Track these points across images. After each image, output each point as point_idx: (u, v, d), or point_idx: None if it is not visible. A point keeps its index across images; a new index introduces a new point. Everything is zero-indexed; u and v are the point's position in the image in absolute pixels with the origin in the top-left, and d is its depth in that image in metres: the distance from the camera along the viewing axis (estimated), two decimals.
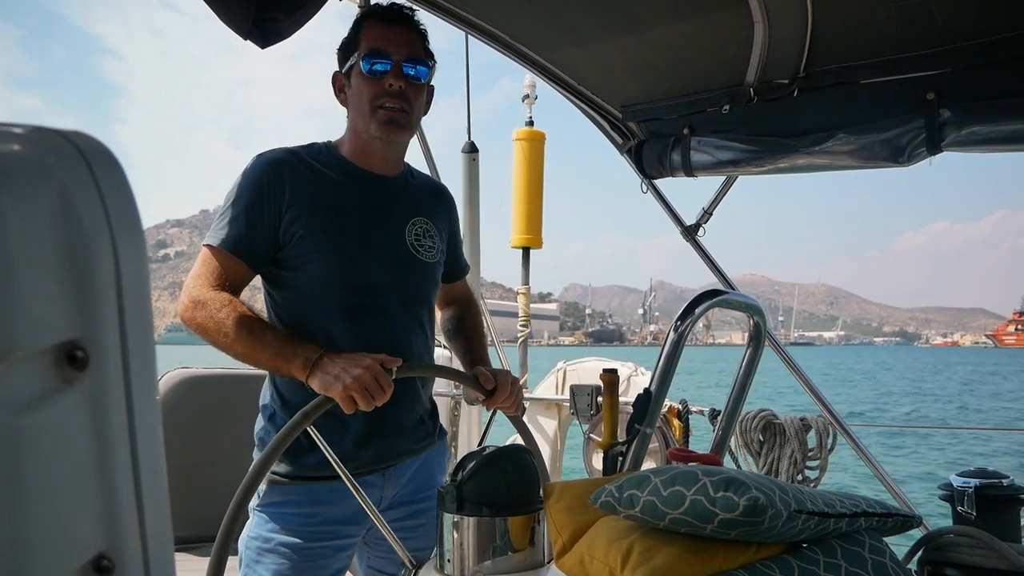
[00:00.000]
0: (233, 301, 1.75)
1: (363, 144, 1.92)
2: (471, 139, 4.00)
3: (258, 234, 1.80)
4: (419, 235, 1.98)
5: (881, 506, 1.27)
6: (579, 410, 3.82)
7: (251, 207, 1.79)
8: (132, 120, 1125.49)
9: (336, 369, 1.65)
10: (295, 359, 1.69)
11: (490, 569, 1.34)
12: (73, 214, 0.47)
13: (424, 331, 1.99)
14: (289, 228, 1.81)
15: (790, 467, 3.07)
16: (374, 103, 1.85)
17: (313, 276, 1.83)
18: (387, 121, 1.86)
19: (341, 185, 1.89)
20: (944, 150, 2.24)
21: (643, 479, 1.15)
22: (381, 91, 1.84)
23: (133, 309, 0.51)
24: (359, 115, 1.88)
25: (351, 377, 1.62)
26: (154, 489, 0.53)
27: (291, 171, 1.84)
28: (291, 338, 1.75)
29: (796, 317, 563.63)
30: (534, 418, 4.66)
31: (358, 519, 1.90)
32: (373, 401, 1.63)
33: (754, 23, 2.33)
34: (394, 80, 1.84)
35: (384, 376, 1.65)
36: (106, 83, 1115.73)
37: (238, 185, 1.82)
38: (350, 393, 1.61)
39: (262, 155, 1.86)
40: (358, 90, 1.87)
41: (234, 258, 1.79)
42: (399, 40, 1.87)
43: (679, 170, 2.86)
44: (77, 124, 6.13)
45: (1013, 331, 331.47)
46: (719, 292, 1.71)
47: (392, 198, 1.97)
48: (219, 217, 1.83)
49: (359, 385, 1.62)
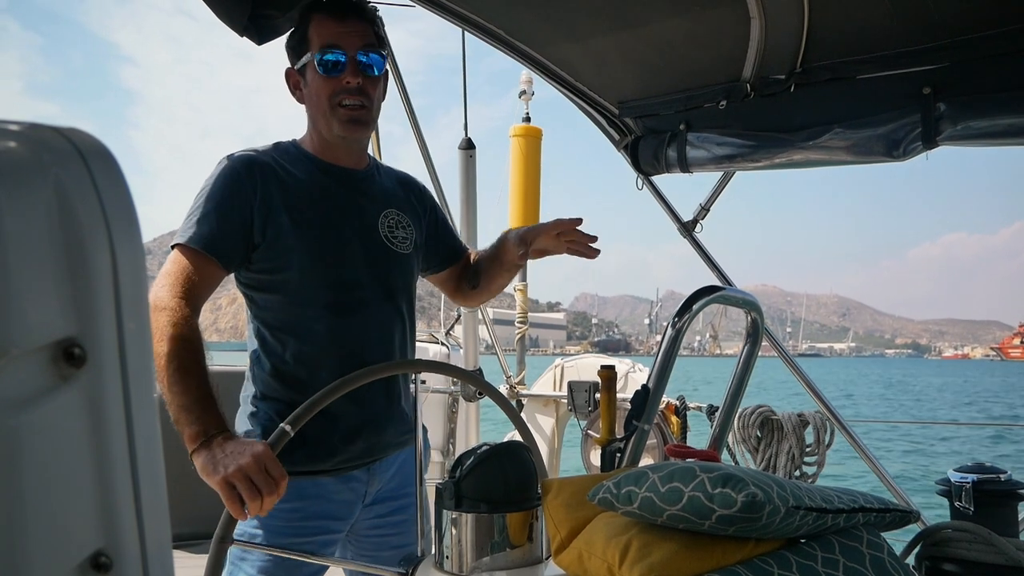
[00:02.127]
0: (188, 321, 1.65)
1: (324, 140, 1.90)
2: (468, 136, 4.00)
3: (230, 232, 1.76)
4: (392, 227, 1.97)
5: (879, 501, 1.27)
6: (577, 406, 3.82)
7: (222, 204, 1.76)
8: (147, 126, 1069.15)
9: (224, 452, 1.50)
10: (195, 424, 1.55)
11: (488, 565, 1.35)
12: (69, 211, 0.47)
13: (404, 323, 1.98)
14: (263, 228, 1.78)
15: (788, 463, 3.07)
16: (332, 101, 1.82)
17: (292, 276, 1.81)
18: (348, 120, 1.84)
19: (311, 182, 1.87)
20: (940, 144, 2.24)
21: (641, 475, 1.15)
22: (338, 88, 1.82)
23: (130, 306, 0.51)
24: (318, 114, 1.86)
25: (236, 465, 1.47)
26: (152, 486, 0.53)
27: (261, 171, 1.81)
28: (209, 400, 1.60)
29: (807, 328, 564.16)
30: (532, 415, 4.66)
31: (343, 514, 1.90)
32: (260, 496, 1.46)
33: (750, 19, 2.33)
34: (351, 77, 1.81)
35: (277, 467, 1.49)
36: (122, 90, 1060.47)
37: (209, 185, 1.79)
38: (231, 481, 1.46)
39: (231, 156, 1.83)
40: (315, 88, 1.84)
41: (205, 255, 1.73)
42: (351, 33, 1.83)
43: (675, 166, 2.86)
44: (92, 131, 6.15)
45: (1019, 344, 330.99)
46: (716, 288, 1.71)
47: (362, 192, 1.95)
48: (189, 216, 1.77)
49: (242, 474, 1.46)
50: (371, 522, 1.97)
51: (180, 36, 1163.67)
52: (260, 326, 1.86)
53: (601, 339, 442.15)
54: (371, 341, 1.88)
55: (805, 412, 3.14)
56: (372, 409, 1.85)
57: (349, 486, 1.90)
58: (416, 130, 3.94)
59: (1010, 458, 19.13)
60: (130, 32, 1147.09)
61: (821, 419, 3.12)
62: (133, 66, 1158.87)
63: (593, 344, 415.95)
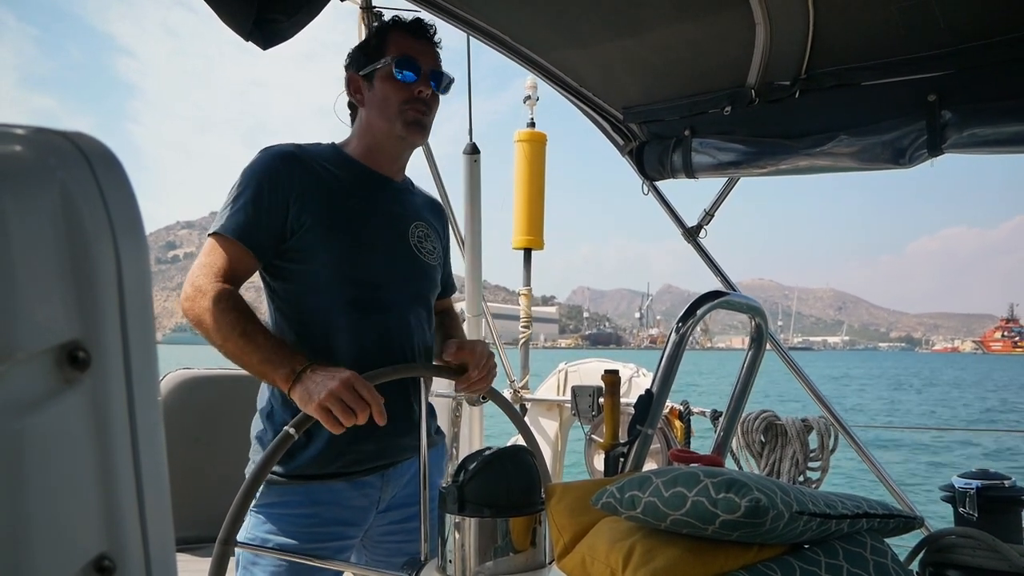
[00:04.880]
0: (234, 295, 1.75)
1: (376, 144, 1.97)
2: (472, 140, 4.00)
3: (265, 224, 1.80)
4: (421, 238, 2.03)
5: (883, 507, 1.26)
6: (580, 411, 3.81)
7: (258, 197, 1.80)
8: (145, 120, 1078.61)
9: (314, 381, 1.63)
10: (281, 368, 1.68)
11: (491, 570, 1.34)
12: (75, 215, 0.48)
13: (424, 331, 2.01)
14: (297, 219, 1.82)
15: (791, 468, 3.07)
16: (403, 106, 1.91)
17: (318, 269, 1.85)
18: (414, 121, 1.93)
19: (348, 182, 1.92)
20: (945, 152, 2.24)
21: (644, 480, 1.15)
22: (410, 96, 1.92)
23: (135, 310, 0.51)
24: (383, 116, 1.93)
25: (326, 390, 1.60)
26: (155, 490, 0.53)
27: (299, 164, 1.87)
28: (282, 345, 1.74)
29: (803, 322, 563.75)
30: (535, 419, 4.66)
31: (357, 520, 1.90)
32: (354, 415, 1.60)
33: (756, 25, 2.33)
34: (424, 87, 1.93)
35: (366, 387, 1.62)
36: (120, 82, 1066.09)
37: (245, 176, 1.84)
38: (326, 405, 1.59)
39: (269, 148, 1.89)
40: (384, 93, 1.92)
41: (241, 246, 1.79)
42: (426, 53, 1.96)
43: (680, 171, 2.86)
44: (90, 125, 6.06)
45: (1000, 337, 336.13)
46: (720, 293, 1.71)
47: (397, 200, 2.01)
48: (225, 207, 1.83)
49: (334, 398, 1.59)
50: (385, 528, 1.97)
51: (178, 28, 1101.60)
52: (279, 317, 1.89)
53: (592, 332, 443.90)
54: (392, 343, 1.90)
55: (809, 417, 3.14)
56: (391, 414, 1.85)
57: (363, 492, 1.90)
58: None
59: (1001, 455, 19.55)
60: (127, 24, 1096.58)
61: (825, 424, 3.12)
62: (131, 59, 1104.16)
63: (584, 337, 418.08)
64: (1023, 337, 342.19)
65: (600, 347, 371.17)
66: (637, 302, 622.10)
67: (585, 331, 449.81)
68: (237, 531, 1.47)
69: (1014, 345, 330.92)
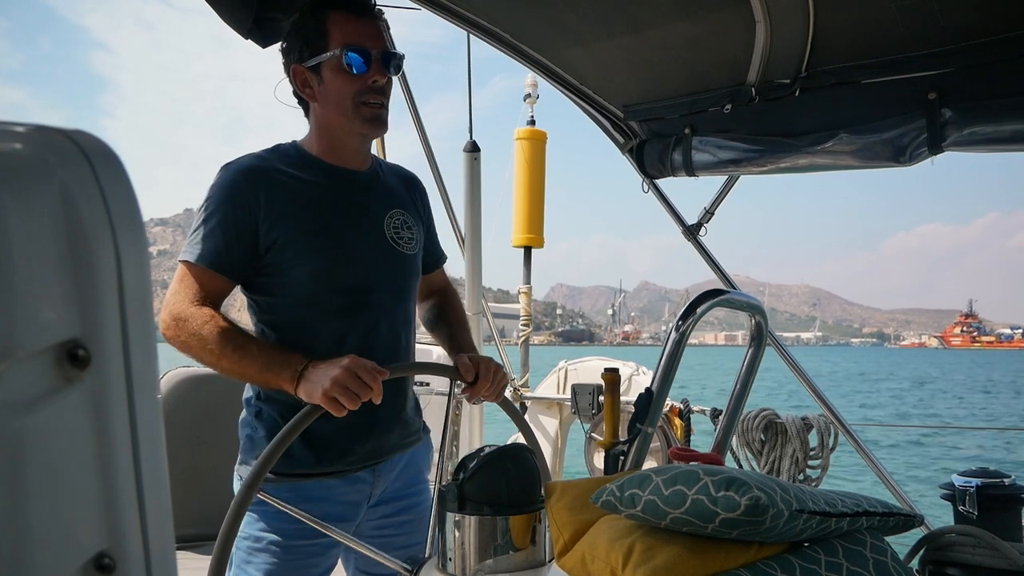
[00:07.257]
0: (215, 316, 1.73)
1: (335, 140, 1.89)
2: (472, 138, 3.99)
3: (235, 246, 1.77)
4: (398, 227, 1.97)
5: (883, 505, 1.27)
6: (580, 409, 3.82)
7: (226, 219, 1.76)
8: (120, 115, 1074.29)
9: (317, 375, 1.65)
10: (283, 371, 1.69)
11: (491, 568, 1.35)
12: (75, 213, 0.47)
13: (410, 324, 2.00)
14: (269, 235, 1.78)
15: (791, 466, 3.07)
16: (357, 100, 1.82)
17: (299, 280, 1.82)
18: (372, 118, 1.84)
19: (316, 185, 1.86)
20: (945, 150, 2.24)
21: (644, 478, 1.15)
22: (364, 87, 1.81)
23: (135, 308, 0.51)
24: (339, 112, 1.84)
25: (329, 379, 1.61)
26: (155, 488, 0.53)
27: (263, 177, 1.81)
28: (277, 350, 1.74)
29: (778, 318, 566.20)
30: (535, 417, 4.66)
31: (348, 515, 1.91)
32: (358, 398, 1.62)
33: (756, 23, 2.33)
34: (378, 76, 1.82)
35: (368, 371, 1.63)
36: (94, 76, 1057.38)
37: (210, 198, 1.79)
38: (332, 395, 1.60)
39: (230, 165, 1.83)
40: (336, 87, 1.82)
41: (212, 272, 1.76)
42: (372, 34, 1.83)
43: (680, 170, 2.86)
44: (63, 118, 6.03)
45: (959, 332, 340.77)
46: (721, 292, 1.71)
47: (367, 193, 1.95)
48: (193, 232, 1.79)
49: (339, 386, 1.60)
50: (376, 523, 1.98)
51: (154, 22, 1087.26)
52: (265, 328, 1.87)
53: (565, 329, 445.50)
54: (379, 342, 1.89)
55: (809, 415, 3.14)
56: (377, 411, 1.86)
57: (355, 487, 1.91)
58: (420, 131, 3.94)
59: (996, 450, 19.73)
60: (102, 17, 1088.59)
61: (824, 422, 3.12)
62: (106, 52, 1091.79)
63: (557, 334, 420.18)
64: (981, 332, 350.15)
65: (573, 343, 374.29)
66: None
67: (558, 328, 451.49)
68: (236, 530, 1.47)
69: (972, 340, 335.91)
